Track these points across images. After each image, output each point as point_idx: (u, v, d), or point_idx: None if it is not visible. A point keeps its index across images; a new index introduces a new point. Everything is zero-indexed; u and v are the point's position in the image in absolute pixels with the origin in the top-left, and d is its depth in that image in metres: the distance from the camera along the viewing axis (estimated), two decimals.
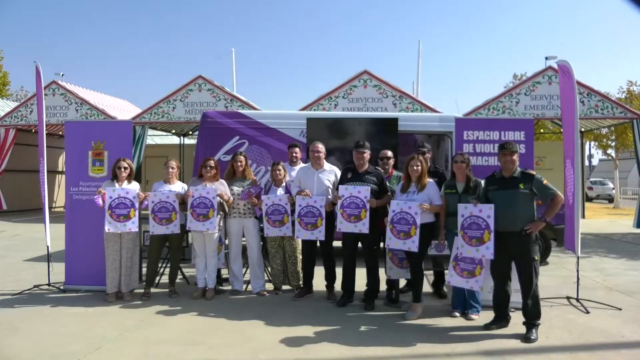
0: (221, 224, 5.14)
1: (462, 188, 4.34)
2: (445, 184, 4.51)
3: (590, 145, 20.92)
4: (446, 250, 4.68)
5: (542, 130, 18.01)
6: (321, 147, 4.98)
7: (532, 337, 3.77)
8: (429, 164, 5.23)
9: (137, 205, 4.90)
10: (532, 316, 3.90)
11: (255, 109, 11.67)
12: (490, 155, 5.40)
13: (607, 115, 10.91)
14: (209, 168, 5.04)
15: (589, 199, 22.72)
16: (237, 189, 5.15)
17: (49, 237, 5.54)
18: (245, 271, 5.47)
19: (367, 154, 4.70)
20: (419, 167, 4.42)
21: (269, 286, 5.34)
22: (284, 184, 5.12)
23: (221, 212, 5.11)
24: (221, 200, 4.99)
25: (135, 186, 5.03)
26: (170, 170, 5.11)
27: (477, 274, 4.15)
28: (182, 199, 4.98)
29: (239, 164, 5.19)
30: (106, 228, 4.79)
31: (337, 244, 5.00)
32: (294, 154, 5.59)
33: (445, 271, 4.77)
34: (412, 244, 4.25)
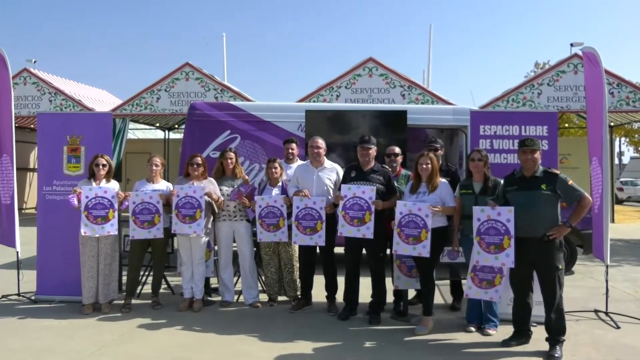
0: (210, 226, 5.13)
1: (480, 188, 4.33)
2: (460, 183, 4.51)
3: (620, 141, 20.94)
4: (460, 258, 4.68)
5: (567, 125, 18.01)
6: (321, 142, 4.97)
7: (556, 355, 3.76)
8: (440, 161, 5.23)
9: (116, 206, 4.89)
10: (556, 331, 3.89)
11: (248, 100, 11.65)
12: (509, 152, 5.37)
13: None
14: (196, 166, 5.03)
15: (619, 201, 22.68)
16: (226, 189, 5.14)
17: (18, 242, 5.53)
18: (237, 280, 5.46)
19: (372, 151, 4.69)
20: (429, 166, 4.42)
21: (263, 297, 5.33)
22: (279, 184, 5.11)
23: (210, 214, 5.11)
24: (210, 200, 4.98)
25: (114, 185, 5.02)
26: (154, 167, 5.10)
27: (496, 283, 4.13)
28: (167, 200, 4.97)
29: (229, 161, 5.18)
30: (82, 231, 4.78)
31: (339, 250, 4.99)
32: (291, 150, 5.57)
33: (463, 282, 4.77)
34: (423, 249, 4.25)
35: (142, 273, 5.43)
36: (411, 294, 5.17)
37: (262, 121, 6.76)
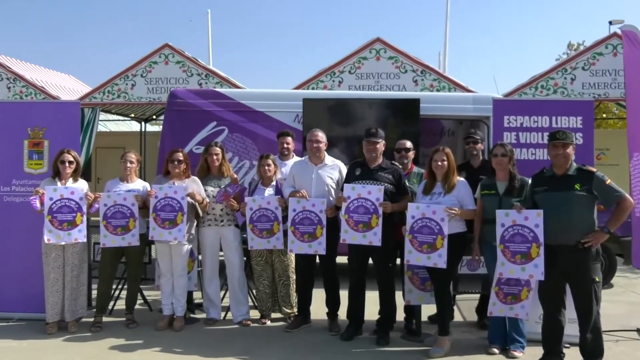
0: (193, 232, 5.13)
1: (504, 189, 4.34)
2: (481, 183, 4.51)
3: None
4: (481, 269, 4.68)
5: (604, 115, 18.00)
6: (321, 135, 4.97)
7: None
8: (480, 157, 5.25)
9: (84, 209, 4.88)
10: (592, 354, 3.89)
11: (237, 87, 11.63)
12: (537, 146, 5.36)
13: None
14: (177, 162, 5.03)
15: None
16: (212, 189, 5.14)
17: None
18: (224, 295, 5.46)
19: (380, 145, 4.69)
20: (446, 162, 4.42)
21: (254, 314, 5.34)
22: (273, 183, 5.12)
23: (193, 218, 5.12)
24: (193, 202, 4.98)
25: (82, 185, 5.02)
26: (129, 165, 5.10)
27: (523, 297, 4.14)
28: (143, 202, 4.98)
29: (215, 157, 5.18)
30: (45, 238, 4.78)
31: (341, 259, 4.99)
32: (286, 145, 5.58)
33: (473, 295, 4.76)
34: (439, 259, 4.25)
35: (114, 286, 5.43)
36: (430, 310, 5.16)
37: (253, 111, 6.77)
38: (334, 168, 4.99)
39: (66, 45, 66.09)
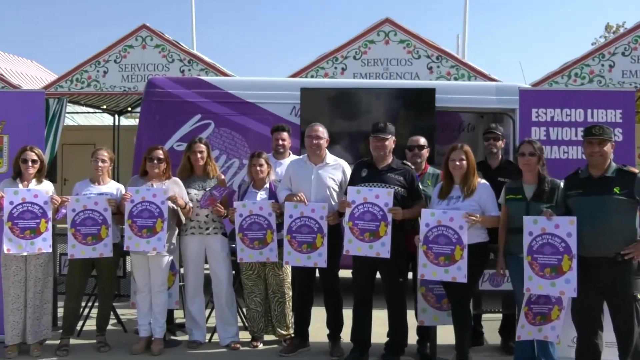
0: (174, 242, 5.14)
1: (532, 193, 4.33)
2: (506, 186, 4.51)
3: None
4: (506, 284, 4.69)
5: None
6: (322, 131, 4.98)
7: None
8: (501, 156, 5.26)
9: (50, 215, 4.89)
10: None
11: (224, 74, 11.67)
12: (571, 144, 5.37)
13: None
14: (155, 161, 5.04)
15: None
16: (196, 192, 5.15)
17: None
18: (210, 313, 5.46)
19: (389, 142, 4.70)
20: (465, 162, 4.43)
21: (244, 336, 5.34)
22: (266, 185, 5.13)
23: (175, 226, 5.12)
24: (174, 207, 4.99)
25: (48, 187, 5.02)
26: (100, 164, 5.10)
27: (553, 317, 4.15)
28: (117, 207, 4.99)
29: (199, 155, 5.19)
30: (5, 248, 4.78)
31: (345, 273, 4.99)
32: (282, 142, 5.59)
33: (490, 315, 4.76)
34: (458, 272, 4.25)
35: (84, 304, 5.42)
36: (443, 333, 5.15)
37: (244, 102, 6.78)
38: (336, 168, 4.99)
39: (28, 26, 66.05)
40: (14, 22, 63.84)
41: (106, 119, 17.63)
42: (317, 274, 5.03)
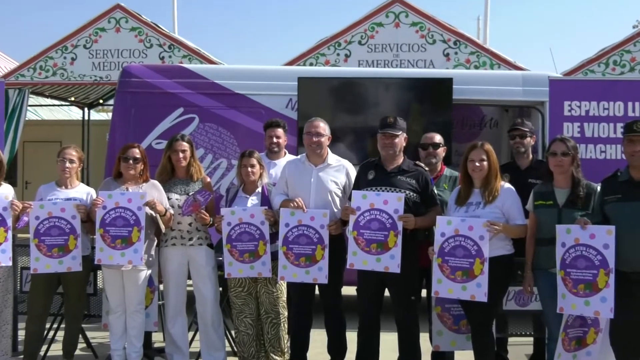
0: (153, 254, 5.13)
1: (565, 198, 4.33)
2: (535, 191, 4.51)
3: None
4: (534, 303, 4.67)
5: None
6: (323, 126, 4.98)
7: None
8: (530, 155, 5.26)
9: (9, 223, 4.88)
10: None
11: (211, 62, 11.66)
12: (609, 142, 5.38)
13: None
14: (131, 161, 5.04)
15: None
16: (178, 197, 5.15)
17: None
18: (194, 336, 5.46)
19: (400, 140, 4.70)
20: (485, 163, 4.42)
21: None
22: (259, 190, 5.12)
23: (153, 236, 5.12)
24: (152, 214, 4.99)
25: (7, 191, 5.02)
26: (68, 165, 5.10)
27: (589, 341, 4.15)
28: (88, 214, 4.98)
29: (181, 155, 5.18)
30: None
31: (348, 290, 4.96)
32: (276, 139, 5.60)
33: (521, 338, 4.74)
34: (478, 290, 4.24)
35: (48, 325, 5.41)
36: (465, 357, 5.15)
37: (233, 94, 6.79)
38: (339, 170, 4.99)
39: None
40: None
41: (74, 113, 17.58)
42: (317, 292, 5.02)
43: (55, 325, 5.58)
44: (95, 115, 16.32)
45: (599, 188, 4.25)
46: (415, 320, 4.72)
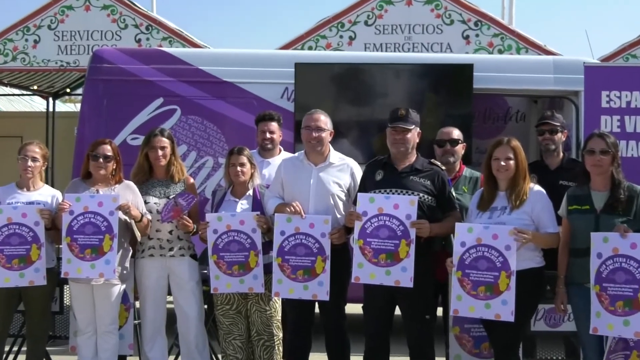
0: (127, 266, 5.14)
1: (603, 202, 4.33)
2: (569, 194, 4.51)
3: None
4: (566, 324, 4.68)
5: None
6: (324, 119, 4.99)
7: None
8: (560, 154, 5.30)
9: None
10: None
11: (195, 45, 11.67)
12: None
13: None
14: (102, 160, 5.04)
15: None
16: (156, 200, 5.17)
17: None
18: None
19: (412, 135, 4.71)
20: (512, 162, 4.42)
21: None
22: (250, 192, 5.13)
23: (128, 245, 5.13)
24: (126, 220, 5.00)
25: None
26: (30, 163, 5.10)
27: None
28: (52, 220, 4.99)
29: (160, 152, 5.20)
30: None
31: (353, 309, 4.97)
32: (270, 135, 5.61)
33: None
34: (503, 308, 4.24)
35: (7, 348, 5.40)
36: None
37: (220, 82, 6.79)
38: (342, 170, 5.00)
39: None
40: None
41: (37, 104, 17.57)
42: (317, 310, 5.03)
43: (15, 348, 5.58)
44: (62, 106, 16.31)
45: None
46: (430, 343, 4.73)
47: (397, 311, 4.78)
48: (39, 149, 5.19)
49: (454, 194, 4.82)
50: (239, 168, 5.07)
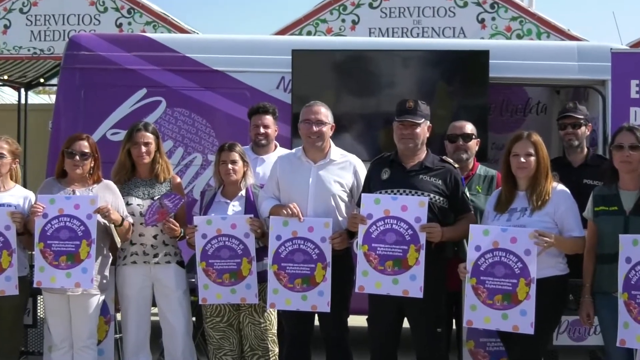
0: (107, 275, 5.15)
1: (634, 202, 4.33)
2: (595, 194, 4.50)
3: None
4: (592, 337, 4.69)
5: None
6: (324, 112, 5.00)
7: None
8: (585, 150, 5.29)
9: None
10: None
11: (182, 31, 11.68)
12: None
13: None
14: (78, 157, 5.04)
15: None
16: (139, 202, 5.18)
17: None
18: None
19: (422, 129, 4.71)
20: (533, 158, 4.43)
21: None
22: (242, 193, 5.14)
23: (108, 252, 5.13)
24: (106, 223, 5.00)
25: None
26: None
27: None
28: (24, 224, 4.99)
29: (144, 149, 5.20)
30: None
31: (357, 321, 4.97)
32: (264, 129, 5.63)
33: None
34: (523, 320, 4.24)
35: None
36: None
37: (209, 71, 6.80)
38: (344, 167, 5.01)
39: None
40: None
41: (8, 95, 17.58)
42: (317, 322, 5.03)
43: None
44: (35, 98, 16.30)
45: None
46: (441, 358, 4.75)
47: (406, 323, 4.78)
48: (6, 144, 5.16)
49: (467, 194, 4.82)
50: (230, 166, 5.07)
